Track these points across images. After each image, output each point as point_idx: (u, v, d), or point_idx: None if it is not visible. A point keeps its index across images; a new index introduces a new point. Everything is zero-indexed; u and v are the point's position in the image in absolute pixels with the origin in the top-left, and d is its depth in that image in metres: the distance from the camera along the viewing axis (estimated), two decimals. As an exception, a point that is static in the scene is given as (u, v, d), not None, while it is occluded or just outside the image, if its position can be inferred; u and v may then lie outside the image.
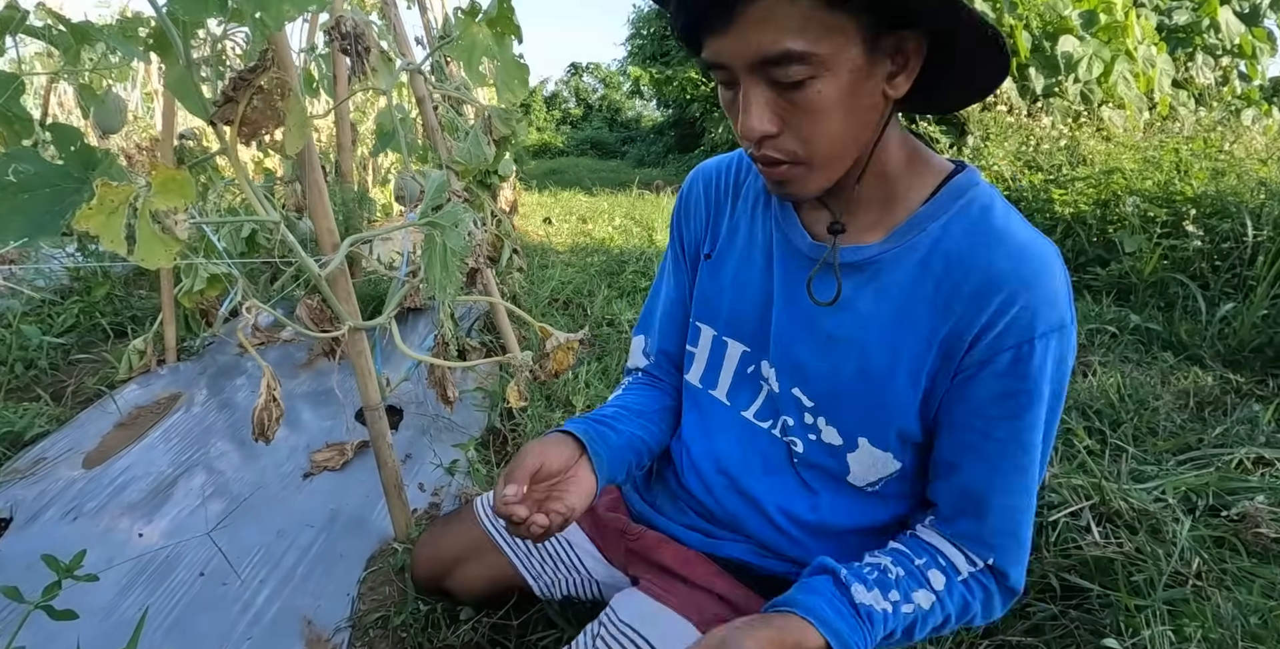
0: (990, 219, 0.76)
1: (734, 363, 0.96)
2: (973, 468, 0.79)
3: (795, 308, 0.87)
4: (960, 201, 0.77)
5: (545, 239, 5.37)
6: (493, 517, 1.20)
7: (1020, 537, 0.80)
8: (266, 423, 1.21)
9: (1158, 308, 3.27)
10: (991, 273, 0.73)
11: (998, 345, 0.73)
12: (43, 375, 2.56)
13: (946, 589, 0.79)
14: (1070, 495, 1.58)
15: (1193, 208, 3.54)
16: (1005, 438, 0.76)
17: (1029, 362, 0.73)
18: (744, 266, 0.93)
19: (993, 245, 0.74)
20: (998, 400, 0.75)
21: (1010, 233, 0.75)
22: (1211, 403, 2.35)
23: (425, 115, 2.15)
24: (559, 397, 2.29)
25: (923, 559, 0.81)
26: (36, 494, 1.78)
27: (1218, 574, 1.37)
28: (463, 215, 1.32)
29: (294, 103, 1.19)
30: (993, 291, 0.73)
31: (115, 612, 1.39)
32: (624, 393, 1.11)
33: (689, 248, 1.03)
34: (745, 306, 0.93)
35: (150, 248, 0.97)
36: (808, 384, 0.87)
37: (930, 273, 0.77)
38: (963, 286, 0.74)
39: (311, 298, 2.03)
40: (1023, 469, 0.78)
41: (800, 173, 0.73)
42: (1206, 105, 6.87)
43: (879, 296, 0.80)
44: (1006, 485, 0.78)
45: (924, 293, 0.77)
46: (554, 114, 21.37)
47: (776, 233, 0.89)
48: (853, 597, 0.75)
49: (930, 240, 0.77)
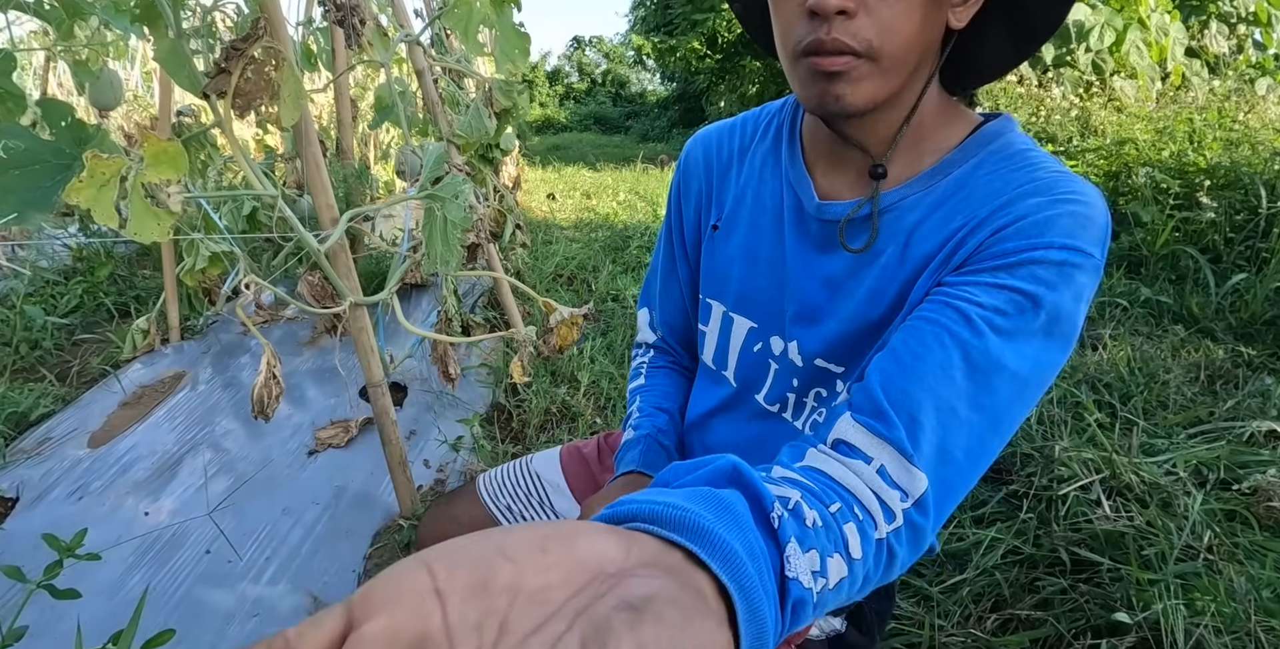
0: (1026, 157, 0.68)
1: (740, 341, 0.90)
2: (934, 348, 0.59)
3: (811, 270, 0.80)
4: (991, 146, 0.70)
5: (549, 215, 5.34)
6: (495, 495, 1.19)
7: (961, 472, 0.58)
8: (266, 400, 1.20)
9: (1169, 281, 3.23)
10: (1015, 193, 0.64)
11: (1011, 241, 0.62)
12: (47, 356, 2.56)
13: (861, 554, 0.52)
14: (1080, 469, 1.56)
15: (1206, 179, 3.49)
16: (986, 335, 0.59)
17: (1044, 265, 0.60)
18: (753, 234, 0.86)
19: (1026, 171, 0.66)
20: (995, 290, 0.60)
21: (1047, 164, 0.66)
22: (1223, 376, 2.33)
23: (425, 88, 2.12)
24: (564, 372, 2.28)
25: (835, 505, 0.53)
26: (42, 474, 1.78)
27: (1229, 548, 1.36)
28: (462, 186, 1.29)
29: (288, 73, 1.16)
30: (1020, 203, 0.63)
31: (122, 589, 1.39)
32: (655, 379, 1.05)
33: (688, 220, 0.97)
34: (756, 279, 0.86)
35: (143, 221, 0.95)
36: (836, 350, 0.79)
37: (953, 211, 0.69)
38: (988, 208, 0.65)
39: (312, 274, 2.01)
40: (994, 389, 0.58)
41: (862, 71, 0.64)
42: (1220, 74, 6.75)
43: (893, 242, 0.73)
44: (967, 393, 0.58)
45: (944, 229, 0.68)
46: (557, 89, 21.17)
47: (787, 194, 0.82)
48: (783, 564, 0.42)
49: (954, 184, 0.70)
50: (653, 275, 1.07)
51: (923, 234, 0.70)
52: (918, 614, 1.27)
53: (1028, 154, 0.68)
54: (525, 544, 0.30)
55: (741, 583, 0.35)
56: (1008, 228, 0.62)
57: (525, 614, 0.28)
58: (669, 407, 1.00)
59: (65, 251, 3.45)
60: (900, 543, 0.55)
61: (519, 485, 1.16)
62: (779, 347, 0.85)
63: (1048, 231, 0.60)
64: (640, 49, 13.21)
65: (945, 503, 0.58)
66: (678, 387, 1.04)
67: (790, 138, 0.83)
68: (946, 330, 0.60)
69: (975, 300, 0.61)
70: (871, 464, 0.56)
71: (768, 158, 0.86)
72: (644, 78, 20.55)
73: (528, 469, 1.18)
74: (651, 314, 1.08)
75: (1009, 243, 0.62)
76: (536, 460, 1.20)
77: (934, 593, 1.31)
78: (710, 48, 11.85)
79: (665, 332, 1.05)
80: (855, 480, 0.55)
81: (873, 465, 0.56)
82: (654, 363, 1.07)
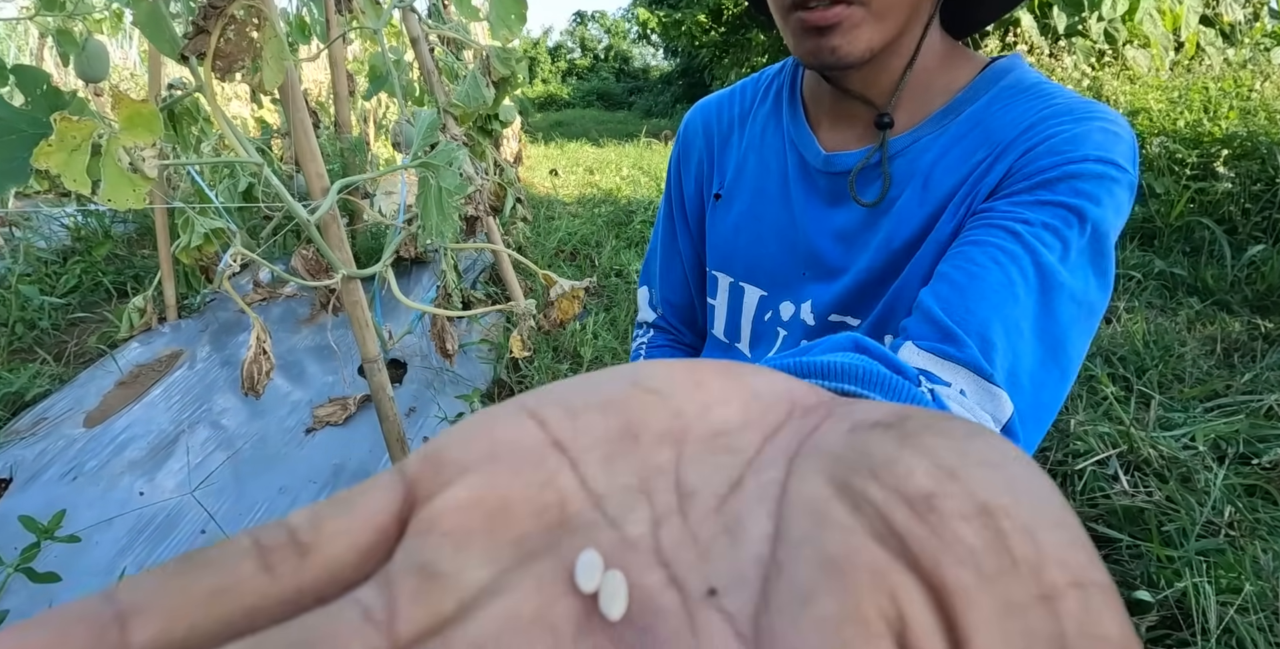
0: (1041, 87, 0.65)
1: (752, 311, 0.87)
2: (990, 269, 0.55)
3: (820, 225, 0.77)
4: (1003, 81, 0.67)
5: (551, 191, 5.27)
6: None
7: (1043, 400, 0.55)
8: (256, 376, 1.16)
9: (1183, 253, 3.17)
10: (1039, 116, 0.61)
11: (1045, 158, 0.59)
12: (44, 336, 2.53)
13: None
14: (1097, 443, 1.52)
15: (1223, 149, 3.40)
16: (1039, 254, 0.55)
17: (1075, 179, 0.57)
18: (758, 200, 0.84)
19: (1045, 99, 0.63)
20: (1038, 207, 0.57)
21: (1065, 93, 0.64)
22: (1239, 349, 2.27)
23: (420, 57, 2.06)
24: (566, 348, 2.24)
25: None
26: (37, 454, 1.76)
27: (1250, 523, 1.32)
28: (456, 153, 1.24)
29: (270, 32, 1.10)
30: (1045, 125, 0.60)
31: (115, 571, 1.36)
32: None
33: (689, 191, 0.94)
34: (764, 245, 0.83)
35: (117, 187, 0.90)
36: (851, 302, 0.76)
37: (971, 148, 0.66)
38: (1004, 136, 0.63)
39: (307, 248, 1.97)
40: (1056, 315, 0.55)
41: (855, 19, 0.62)
42: (1235, 43, 6.60)
43: (908, 185, 0.70)
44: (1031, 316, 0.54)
45: (964, 164, 0.66)
46: (559, 65, 20.95)
47: (790, 153, 0.79)
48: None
49: (969, 122, 0.67)
50: (653, 253, 1.04)
51: (942, 171, 0.67)
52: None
53: (1042, 86, 0.66)
54: (673, 378, 0.19)
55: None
56: (1038, 147, 0.59)
57: (707, 469, 0.17)
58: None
59: (63, 232, 3.42)
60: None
61: None
62: (788, 311, 0.82)
63: (1081, 145, 0.58)
64: (645, 23, 13.04)
65: (1031, 432, 0.53)
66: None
67: (791, 97, 0.81)
68: (1000, 248, 0.56)
69: (1021, 217, 0.57)
70: (952, 388, 0.49)
71: (769, 120, 0.83)
72: (647, 53, 20.34)
73: None
74: (652, 292, 1.05)
75: (1043, 160, 0.59)
76: None
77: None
78: (715, 21, 11.69)
79: (666, 309, 1.02)
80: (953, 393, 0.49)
81: (953, 389, 0.49)
82: (653, 342, 1.05)
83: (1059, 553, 0.13)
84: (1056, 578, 0.13)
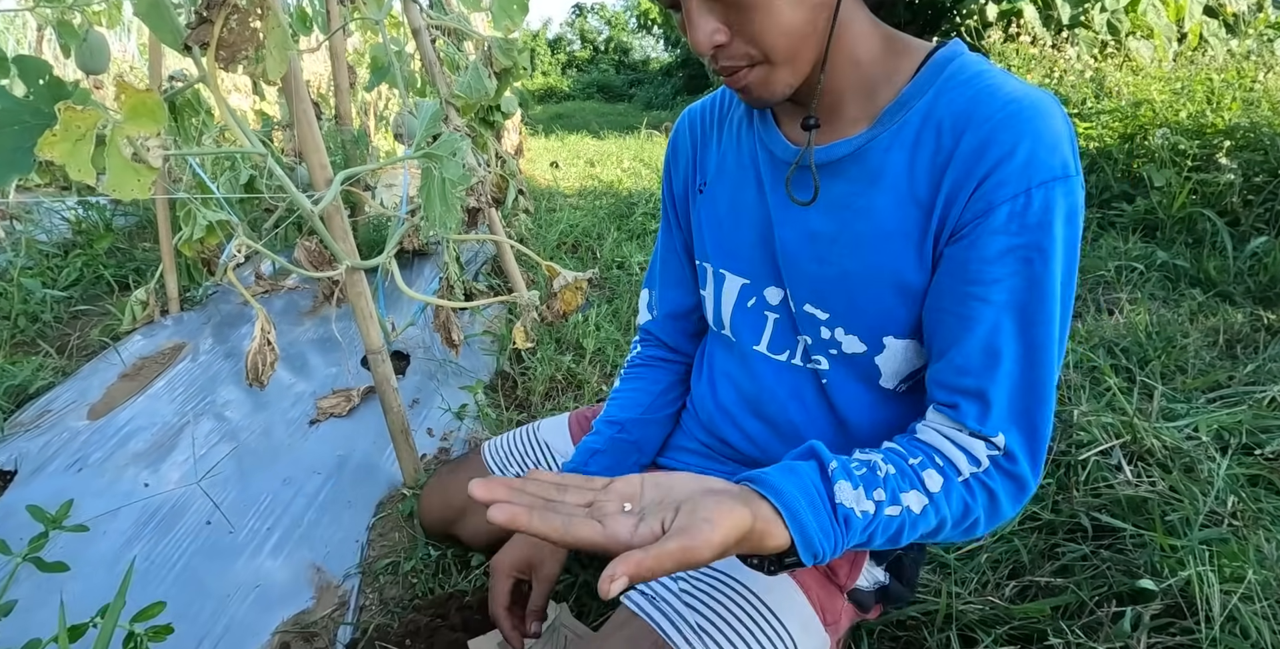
0: (982, 79, 0.70)
1: (732, 298, 0.92)
2: (971, 339, 0.70)
3: (792, 221, 0.82)
4: (946, 72, 0.71)
5: (553, 183, 5.26)
6: (501, 462, 1.16)
7: (1035, 420, 0.70)
8: (260, 367, 1.16)
9: (1185, 244, 3.16)
10: (989, 125, 0.67)
11: (994, 196, 0.66)
12: (47, 329, 2.53)
13: (944, 491, 0.69)
14: (1100, 433, 1.52)
15: (1226, 140, 3.39)
16: (1008, 302, 0.68)
17: (1028, 213, 0.66)
18: (737, 193, 0.89)
19: (985, 99, 0.68)
20: (998, 258, 0.67)
21: (1004, 86, 0.69)
22: (1242, 340, 2.27)
23: (422, 48, 2.05)
24: (569, 340, 2.24)
25: (918, 459, 0.71)
26: (41, 446, 1.76)
27: (1253, 513, 1.32)
28: (459, 144, 1.24)
29: (273, 22, 1.10)
30: (991, 143, 0.66)
31: (121, 562, 1.36)
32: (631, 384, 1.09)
33: (678, 190, 1.00)
34: (742, 233, 0.89)
35: (121, 177, 0.90)
36: (820, 296, 0.81)
37: (924, 146, 0.71)
38: (961, 144, 0.68)
39: (309, 240, 1.97)
40: (1033, 340, 0.69)
41: (763, 73, 0.70)
42: (1239, 34, 6.58)
43: (874, 185, 0.74)
44: (1013, 355, 0.69)
45: (922, 166, 0.71)
46: (559, 58, 20.87)
47: (761, 150, 0.85)
48: (834, 495, 0.64)
49: (919, 117, 0.71)
50: (655, 257, 1.10)
51: (901, 172, 0.72)
52: (934, 582, 1.24)
53: (982, 77, 0.70)
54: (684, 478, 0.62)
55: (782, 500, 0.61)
56: (988, 178, 0.67)
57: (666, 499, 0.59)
58: (622, 418, 1.04)
59: (64, 225, 3.41)
60: (994, 482, 0.71)
61: (527, 453, 1.16)
62: (775, 296, 0.87)
63: (1032, 167, 0.65)
64: (646, 13, 12.98)
65: (1035, 443, 0.71)
66: (646, 387, 1.08)
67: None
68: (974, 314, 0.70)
69: (990, 276, 0.68)
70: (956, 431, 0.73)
71: (743, 120, 0.89)
72: (647, 45, 20.25)
73: (535, 436, 1.18)
74: (651, 294, 1.11)
75: (996, 201, 0.66)
76: (544, 428, 1.19)
77: (950, 560, 1.28)
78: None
79: (662, 309, 1.08)
80: (940, 440, 0.72)
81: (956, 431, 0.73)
82: (631, 363, 1.12)
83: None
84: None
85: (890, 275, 0.75)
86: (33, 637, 0.83)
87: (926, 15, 7.09)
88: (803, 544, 0.60)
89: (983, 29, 6.15)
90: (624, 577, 0.48)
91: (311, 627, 1.24)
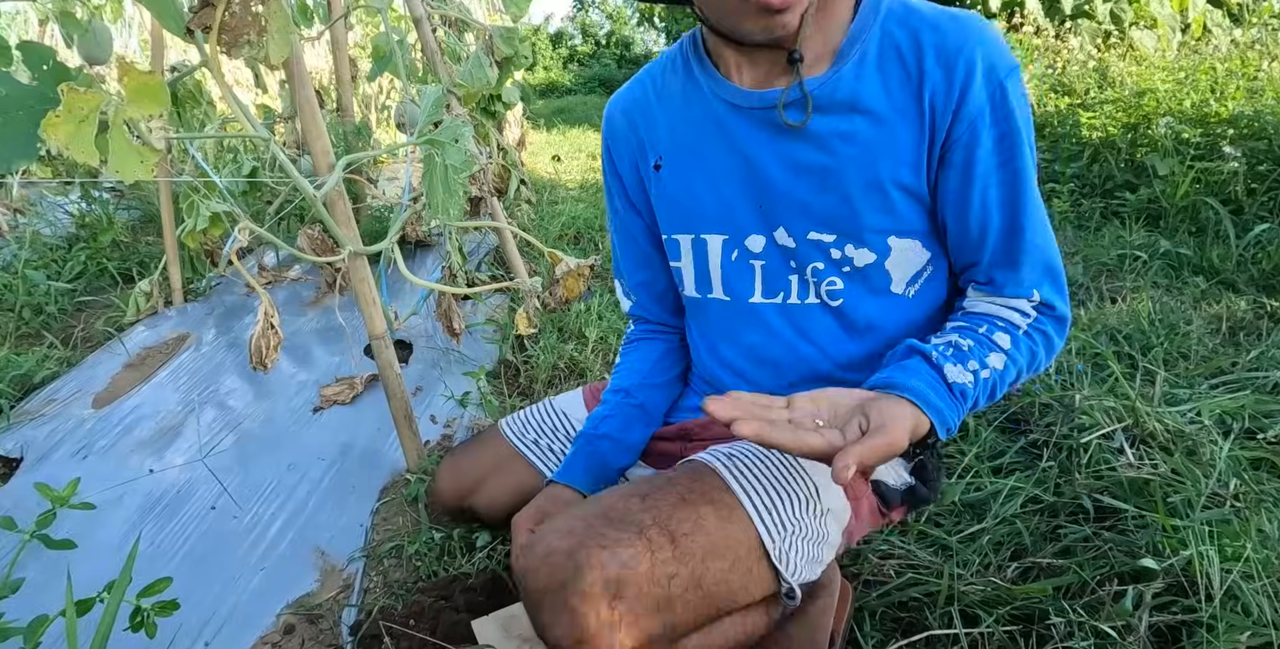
0: (914, 7, 0.83)
1: (718, 257, 0.98)
2: (993, 223, 0.85)
3: (780, 160, 0.89)
4: (881, 7, 0.84)
5: (554, 176, 5.26)
6: (519, 432, 1.23)
7: (1054, 267, 0.87)
8: (264, 350, 1.17)
9: (1189, 233, 3.15)
10: (944, 42, 0.80)
11: (976, 101, 0.81)
12: (52, 321, 2.54)
13: (1013, 345, 0.85)
14: (1102, 417, 1.52)
15: (1229, 129, 3.38)
16: (1010, 182, 0.84)
17: (1006, 101, 0.81)
18: (702, 155, 0.94)
19: (931, 24, 0.81)
20: (995, 150, 0.83)
21: (938, 10, 0.83)
22: (1245, 327, 2.27)
23: (423, 37, 2.05)
24: (571, 328, 2.24)
25: (983, 327, 0.86)
26: (47, 434, 1.77)
27: (1255, 495, 1.32)
28: (462, 129, 1.24)
29: (275, 6, 1.10)
30: (953, 54, 0.80)
31: (126, 546, 1.37)
32: (629, 357, 1.18)
33: (627, 176, 1.05)
34: (720, 190, 0.94)
35: (124, 159, 0.91)
36: (824, 221, 0.89)
37: (891, 71, 0.83)
38: (925, 61, 0.81)
39: (312, 228, 1.97)
40: (1033, 205, 0.85)
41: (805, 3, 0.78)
42: (1243, 23, 6.54)
43: (855, 110, 0.84)
44: (1025, 225, 0.85)
45: (895, 87, 0.83)
46: (560, 53, 20.83)
47: (719, 106, 0.91)
48: (945, 376, 0.80)
49: (875, 45, 0.83)
50: (615, 249, 1.16)
51: (872, 97, 0.83)
52: (936, 563, 1.24)
53: (910, 5, 0.84)
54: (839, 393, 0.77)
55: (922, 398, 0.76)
56: (967, 89, 0.80)
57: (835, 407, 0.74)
58: (625, 385, 1.13)
59: (68, 218, 3.42)
60: (1045, 326, 0.87)
61: (544, 422, 1.23)
62: (759, 244, 0.94)
63: (995, 68, 0.80)
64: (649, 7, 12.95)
65: (1060, 285, 0.88)
66: (643, 355, 1.16)
67: (700, 62, 0.93)
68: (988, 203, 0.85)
69: (991, 167, 0.84)
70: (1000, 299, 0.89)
71: (686, 87, 0.95)
72: (649, 38, 20.22)
73: (552, 408, 1.26)
74: (623, 283, 1.19)
75: (979, 105, 0.81)
76: (559, 401, 1.27)
77: (952, 542, 1.28)
78: None
79: (640, 293, 1.15)
80: (993, 307, 0.89)
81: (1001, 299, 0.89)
82: (628, 339, 1.20)
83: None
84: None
85: (890, 183, 0.85)
86: (39, 614, 0.84)
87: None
88: (940, 424, 0.77)
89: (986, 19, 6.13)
90: (854, 464, 0.63)
91: (316, 609, 1.24)
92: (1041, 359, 0.88)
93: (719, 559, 0.80)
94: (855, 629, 1.14)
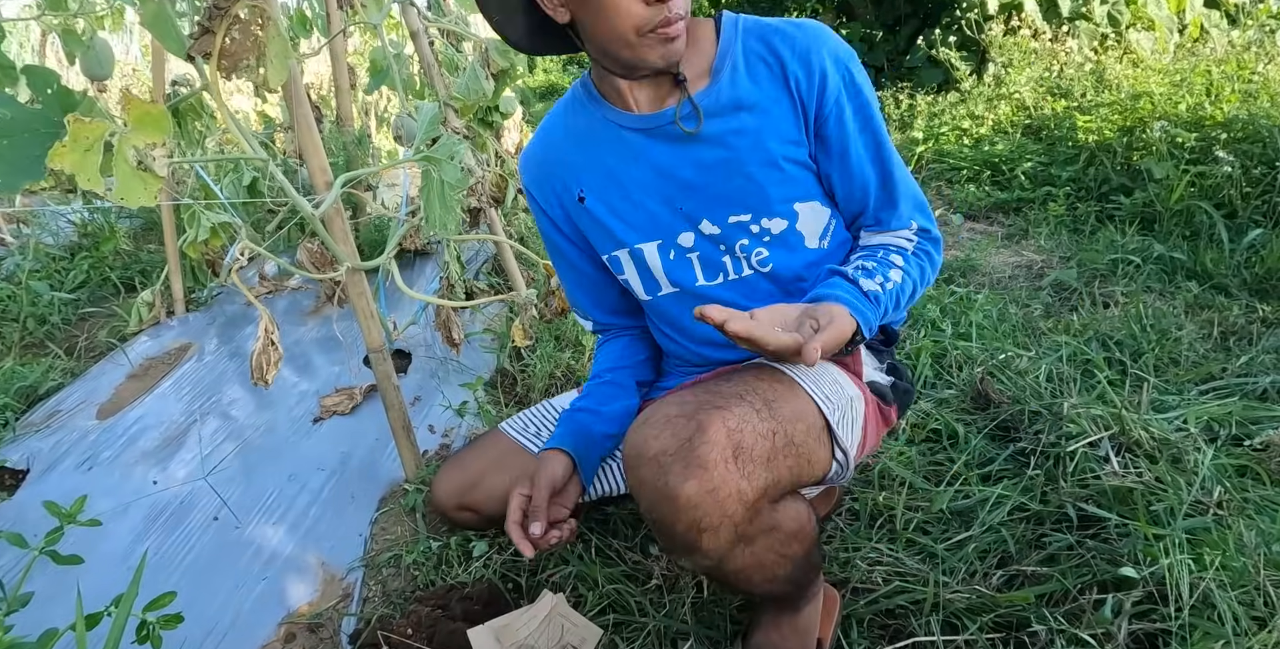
0: (764, 23, 1.05)
1: (657, 261, 1.13)
2: (870, 175, 1.07)
3: (687, 163, 1.06)
4: (736, 26, 1.05)
5: (554, 182, 5.28)
6: (521, 429, 1.31)
7: (921, 202, 1.11)
8: (265, 366, 1.19)
9: (1183, 237, 3.17)
10: (795, 43, 1.01)
11: (832, 85, 1.01)
12: (55, 331, 2.57)
13: (906, 263, 1.07)
14: (1089, 425, 1.55)
15: (1223, 132, 3.40)
16: (873, 141, 1.06)
17: (854, 81, 1.04)
18: (616, 180, 1.10)
19: (781, 32, 1.02)
20: (855, 118, 1.04)
21: (783, 20, 1.04)
22: (1236, 333, 2.29)
23: (420, 50, 2.08)
24: (568, 337, 2.26)
25: (880, 252, 1.08)
26: (52, 445, 1.80)
27: (1239, 503, 1.34)
28: (457, 147, 1.27)
29: (273, 32, 1.13)
30: (807, 53, 1.01)
31: (131, 558, 1.40)
32: (599, 353, 1.31)
33: (557, 216, 1.20)
34: (645, 204, 1.10)
35: (129, 186, 0.94)
36: (737, 203, 1.07)
37: (759, 74, 1.02)
38: (785, 59, 1.01)
39: (311, 241, 2.00)
40: (895, 156, 1.08)
41: (681, 28, 0.94)
42: (1240, 25, 6.56)
43: (740, 110, 1.02)
44: (893, 171, 1.08)
45: (766, 85, 1.02)
46: (561, 55, 20.84)
47: (624, 132, 1.08)
48: (861, 287, 0.99)
49: (741, 57, 1.03)
50: (565, 284, 1.31)
51: (749, 96, 1.02)
52: (922, 571, 1.27)
53: (761, 21, 1.05)
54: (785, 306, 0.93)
55: (847, 302, 0.94)
56: (826, 77, 1.01)
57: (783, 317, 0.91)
58: (600, 369, 1.28)
59: (70, 228, 3.45)
60: (925, 246, 1.11)
61: (547, 417, 1.33)
62: (689, 239, 1.11)
63: (840, 58, 1.02)
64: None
65: (928, 213, 1.13)
66: (612, 347, 1.30)
67: (596, 102, 1.10)
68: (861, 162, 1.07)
69: (855, 133, 1.06)
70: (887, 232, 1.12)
71: (590, 124, 1.12)
72: (649, 41, 20.24)
73: (551, 406, 1.36)
74: (579, 311, 1.32)
75: (836, 87, 1.02)
76: (558, 399, 1.37)
77: (939, 550, 1.31)
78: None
79: (595, 312, 1.30)
80: (883, 238, 1.11)
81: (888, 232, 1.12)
82: (598, 343, 1.35)
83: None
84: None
85: (781, 158, 1.04)
86: (48, 628, 0.86)
87: (927, 8, 7.08)
88: (864, 323, 0.95)
89: (983, 22, 6.15)
90: (819, 348, 0.80)
91: (316, 618, 1.27)
92: (929, 272, 1.10)
93: (800, 422, 0.94)
94: (842, 636, 1.16)
